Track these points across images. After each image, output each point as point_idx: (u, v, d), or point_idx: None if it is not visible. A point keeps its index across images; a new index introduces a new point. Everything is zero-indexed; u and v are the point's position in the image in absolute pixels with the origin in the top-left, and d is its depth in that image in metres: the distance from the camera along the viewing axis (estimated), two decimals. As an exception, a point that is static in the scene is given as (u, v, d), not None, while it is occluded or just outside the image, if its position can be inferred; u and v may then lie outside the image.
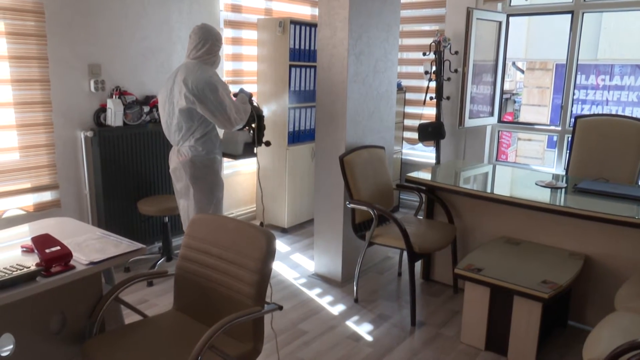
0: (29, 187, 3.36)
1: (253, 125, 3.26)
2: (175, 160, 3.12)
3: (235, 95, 3.24)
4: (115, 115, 3.56)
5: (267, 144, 3.38)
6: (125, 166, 3.68)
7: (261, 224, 4.76)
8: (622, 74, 9.06)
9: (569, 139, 4.38)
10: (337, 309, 3.26)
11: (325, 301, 3.37)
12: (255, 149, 3.34)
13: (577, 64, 4.49)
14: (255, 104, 3.27)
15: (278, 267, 3.89)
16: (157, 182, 3.89)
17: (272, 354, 2.72)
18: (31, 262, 1.83)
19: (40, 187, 3.41)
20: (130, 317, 2.27)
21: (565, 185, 3.32)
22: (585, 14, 4.40)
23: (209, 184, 3.13)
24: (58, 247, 1.85)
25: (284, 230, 4.70)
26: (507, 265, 2.82)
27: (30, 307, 1.81)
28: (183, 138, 3.04)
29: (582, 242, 2.98)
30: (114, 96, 3.63)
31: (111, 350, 1.86)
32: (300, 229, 4.78)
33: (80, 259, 1.92)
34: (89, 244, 2.09)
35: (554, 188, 3.24)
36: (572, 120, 4.07)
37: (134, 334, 2.00)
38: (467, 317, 2.85)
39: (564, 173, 4.10)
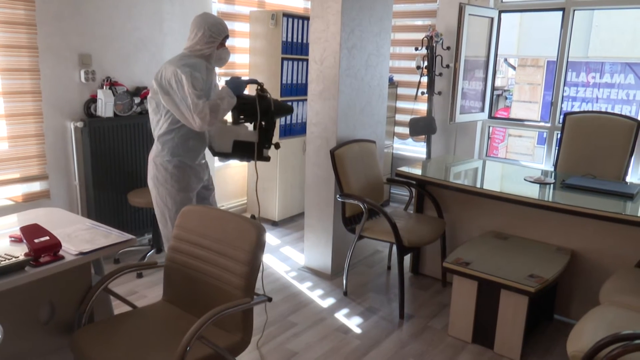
0: (17, 177, 3.33)
1: (263, 123, 2.75)
2: None
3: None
4: (105, 106, 3.54)
5: (277, 146, 2.83)
6: (115, 157, 3.66)
7: (252, 216, 4.77)
8: (612, 72, 9.12)
9: (558, 135, 4.41)
10: (327, 302, 3.28)
11: (314, 294, 3.39)
12: (261, 152, 2.78)
13: (567, 61, 4.52)
14: (267, 94, 2.73)
15: (268, 259, 3.90)
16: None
17: (261, 346, 2.73)
18: (20, 252, 1.83)
19: (30, 177, 3.39)
20: (119, 308, 2.27)
21: (553, 181, 3.35)
22: (576, 12, 4.43)
23: (168, 191, 2.72)
24: (47, 237, 1.85)
25: (275, 223, 4.70)
26: (494, 260, 2.85)
27: (19, 296, 1.81)
28: (154, 133, 2.74)
29: (569, 237, 3.02)
30: (104, 87, 3.60)
31: (100, 340, 1.87)
32: (291, 222, 4.79)
33: (70, 249, 1.92)
34: (79, 235, 2.08)
35: (542, 184, 3.27)
36: (562, 117, 4.10)
37: (123, 325, 2.01)
38: (455, 310, 2.88)
39: (552, 169, 4.14)
